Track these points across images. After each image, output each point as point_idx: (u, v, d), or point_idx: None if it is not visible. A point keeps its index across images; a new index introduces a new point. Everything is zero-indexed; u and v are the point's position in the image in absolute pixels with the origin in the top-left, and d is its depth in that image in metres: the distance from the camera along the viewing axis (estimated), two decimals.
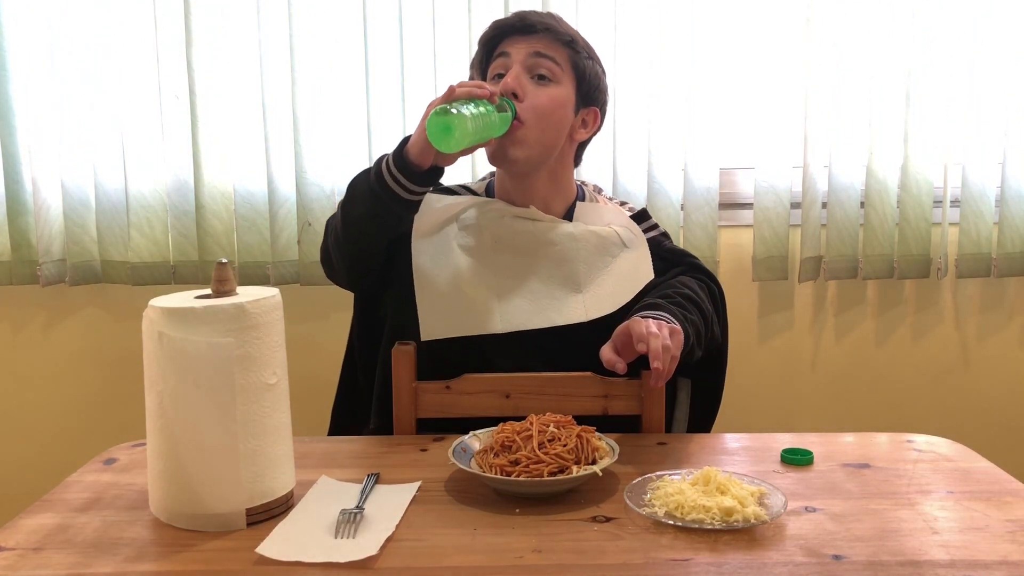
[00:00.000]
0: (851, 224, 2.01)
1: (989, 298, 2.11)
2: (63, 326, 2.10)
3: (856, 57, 1.95)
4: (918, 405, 2.13)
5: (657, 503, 0.96)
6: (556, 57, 1.35)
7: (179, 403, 0.93)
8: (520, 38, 1.36)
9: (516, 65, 1.34)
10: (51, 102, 1.95)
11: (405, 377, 1.31)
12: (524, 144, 1.33)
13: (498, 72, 1.37)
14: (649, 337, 1.13)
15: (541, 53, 1.34)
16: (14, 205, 1.99)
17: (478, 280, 1.36)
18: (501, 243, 1.38)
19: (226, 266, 0.97)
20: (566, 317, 1.34)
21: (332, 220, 1.42)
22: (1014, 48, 1.95)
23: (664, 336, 1.14)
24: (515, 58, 1.35)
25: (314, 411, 1.83)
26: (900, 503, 1.00)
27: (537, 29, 1.35)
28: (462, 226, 1.40)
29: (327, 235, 1.43)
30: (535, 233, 1.38)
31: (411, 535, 0.93)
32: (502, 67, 1.36)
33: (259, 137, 1.95)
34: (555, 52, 1.35)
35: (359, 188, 1.33)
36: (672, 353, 1.14)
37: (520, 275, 1.35)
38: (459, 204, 1.41)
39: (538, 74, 1.34)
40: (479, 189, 1.48)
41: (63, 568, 0.86)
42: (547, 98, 1.34)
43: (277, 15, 1.91)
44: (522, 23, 1.36)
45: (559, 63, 1.35)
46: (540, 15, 1.38)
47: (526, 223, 1.38)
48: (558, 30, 1.36)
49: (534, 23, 1.35)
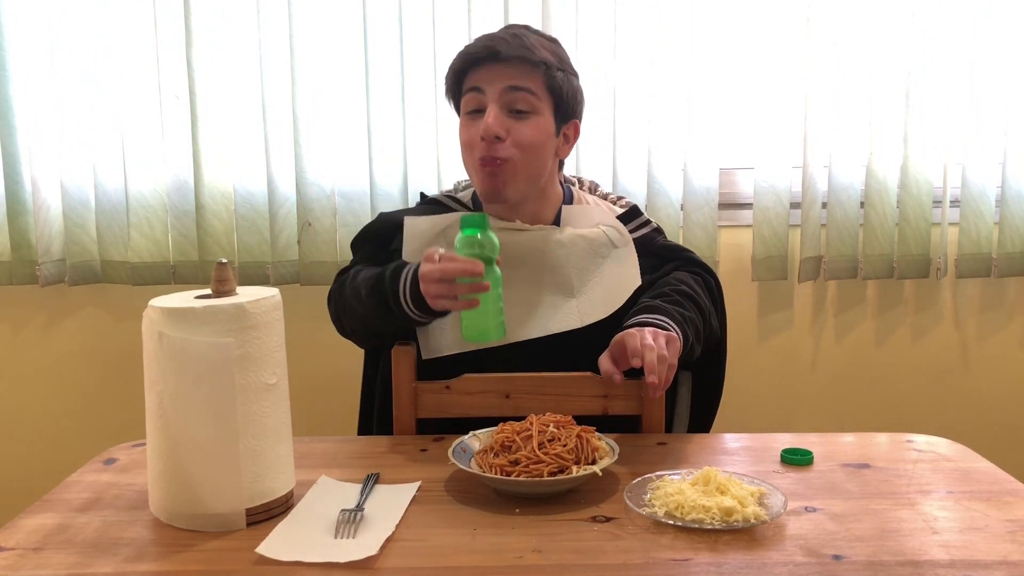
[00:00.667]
0: (851, 224, 2.01)
1: (989, 298, 2.11)
2: (63, 326, 2.10)
3: (856, 57, 1.95)
4: (918, 405, 2.13)
5: (657, 503, 0.96)
6: (532, 87, 1.30)
7: (179, 403, 0.93)
8: (491, 67, 1.29)
9: (492, 104, 1.29)
10: (51, 102, 1.95)
11: (405, 377, 1.31)
12: (513, 182, 1.32)
13: (472, 108, 1.32)
14: (644, 350, 1.12)
15: (517, 87, 1.29)
16: (14, 205, 1.99)
17: None
18: None
19: (226, 266, 0.97)
20: (561, 324, 1.34)
21: (339, 298, 1.38)
22: (1014, 48, 1.95)
23: (660, 346, 1.13)
24: (490, 95, 1.29)
25: (314, 411, 1.83)
26: (900, 503, 1.00)
27: (509, 58, 1.28)
28: (450, 241, 1.36)
29: (334, 306, 1.41)
30: (523, 243, 1.36)
31: (411, 535, 0.93)
32: (476, 103, 1.31)
33: (259, 137, 1.95)
34: (530, 81, 1.30)
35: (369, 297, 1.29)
36: (669, 363, 1.14)
37: (512, 286, 1.34)
38: (445, 220, 1.39)
39: (516, 108, 1.30)
40: (465, 198, 1.47)
41: (63, 568, 0.86)
42: (530, 133, 1.30)
43: (277, 15, 1.91)
44: (492, 54, 1.29)
45: (535, 92, 1.30)
46: (510, 40, 1.30)
47: (514, 234, 1.36)
48: (531, 58, 1.29)
49: (505, 54, 1.28)
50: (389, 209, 1.96)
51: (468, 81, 1.32)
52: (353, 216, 1.98)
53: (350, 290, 1.35)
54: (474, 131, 1.31)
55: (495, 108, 1.29)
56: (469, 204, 1.45)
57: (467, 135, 1.33)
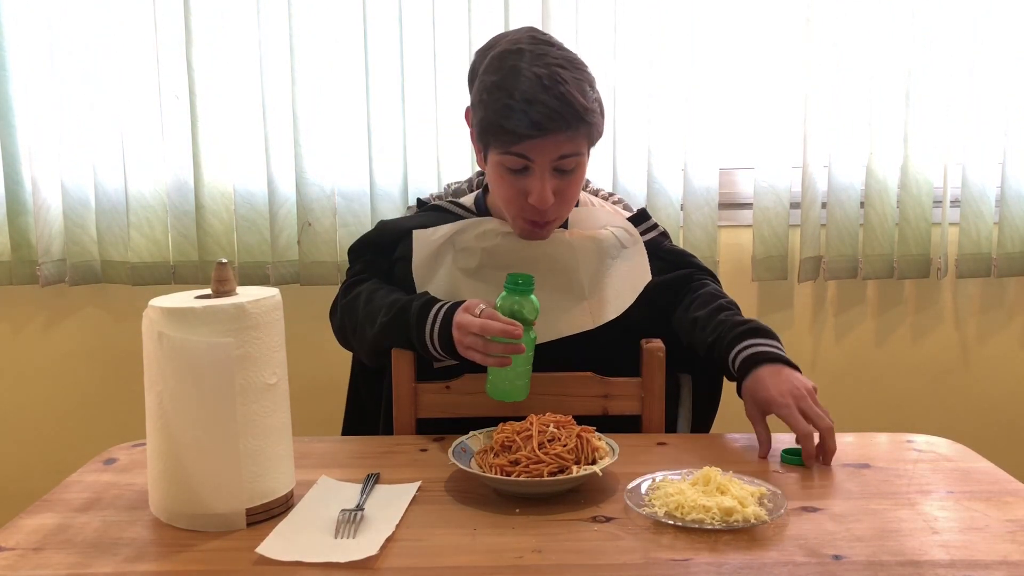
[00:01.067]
0: (851, 224, 2.01)
1: (989, 298, 2.11)
2: (63, 326, 2.10)
3: (856, 57, 1.95)
4: (918, 405, 2.13)
5: (657, 503, 0.96)
6: (579, 148, 1.25)
7: (179, 403, 0.93)
8: (540, 139, 1.21)
9: (543, 173, 1.23)
10: (51, 102, 1.95)
11: (405, 377, 1.31)
12: (555, 225, 1.33)
13: (513, 167, 1.25)
14: (817, 422, 1.11)
15: (566, 155, 1.23)
16: (14, 205, 1.99)
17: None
18: (500, 262, 1.34)
19: (226, 266, 0.97)
20: (574, 327, 1.33)
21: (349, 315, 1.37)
22: (1014, 48, 1.95)
23: (824, 415, 1.13)
24: (540, 164, 1.23)
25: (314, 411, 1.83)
26: (900, 503, 1.00)
27: (563, 131, 1.20)
28: (459, 248, 1.36)
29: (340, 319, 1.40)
30: (532, 247, 1.35)
31: (411, 535, 0.93)
32: (520, 164, 1.24)
33: (259, 137, 1.95)
34: (578, 144, 1.24)
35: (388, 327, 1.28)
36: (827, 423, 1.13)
37: None
38: (452, 228, 1.37)
39: (563, 169, 1.26)
40: (470, 203, 1.45)
41: (63, 568, 0.86)
42: (575, 189, 1.29)
43: (277, 15, 1.91)
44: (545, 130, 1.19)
45: (581, 151, 1.26)
46: (562, 109, 1.19)
47: (522, 239, 1.35)
48: (582, 125, 1.22)
49: (559, 128, 1.19)
50: (389, 208, 1.96)
51: (515, 147, 1.23)
52: (353, 216, 1.98)
53: (364, 313, 1.32)
54: (518, 189, 1.26)
55: (547, 177, 1.24)
56: (474, 209, 1.44)
57: (509, 192, 1.28)
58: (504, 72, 1.22)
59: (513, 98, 1.20)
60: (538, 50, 1.24)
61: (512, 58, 1.23)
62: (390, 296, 1.31)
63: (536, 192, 1.24)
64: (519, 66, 1.21)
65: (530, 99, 1.19)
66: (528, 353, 1.18)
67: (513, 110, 1.20)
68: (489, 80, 1.24)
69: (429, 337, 1.23)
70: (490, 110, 1.22)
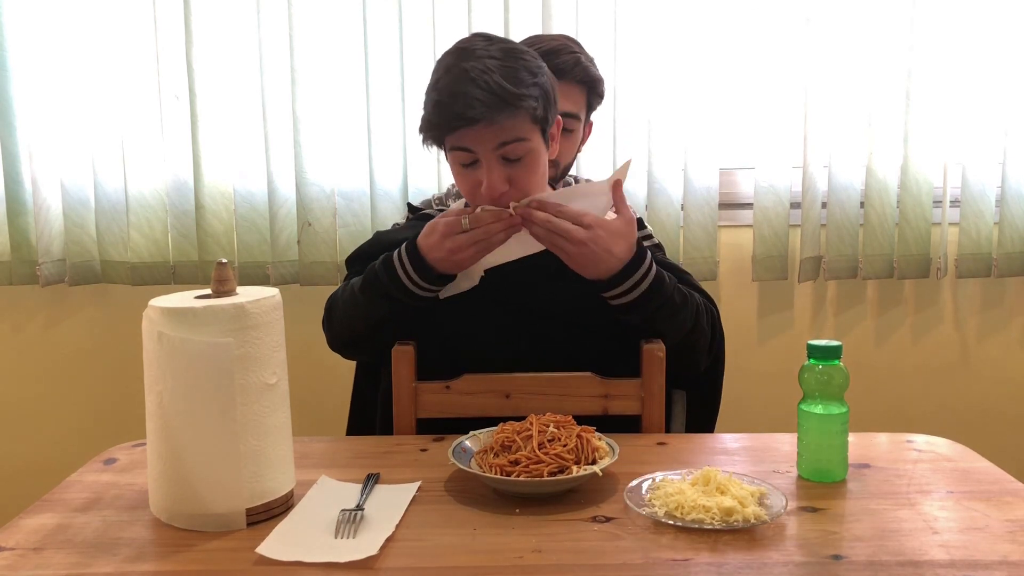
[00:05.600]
0: (851, 224, 2.01)
1: (989, 298, 2.11)
2: (63, 326, 2.10)
3: (856, 57, 1.95)
4: (918, 405, 2.13)
5: (657, 503, 0.96)
6: (522, 133, 1.23)
7: (179, 403, 0.93)
8: (472, 130, 1.21)
9: (488, 163, 1.23)
10: (51, 102, 1.95)
11: (405, 377, 1.31)
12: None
13: (464, 162, 1.26)
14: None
15: (506, 141, 1.22)
16: (14, 205, 1.99)
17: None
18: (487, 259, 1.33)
19: (226, 266, 0.97)
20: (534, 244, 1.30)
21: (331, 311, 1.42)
22: (1014, 48, 1.95)
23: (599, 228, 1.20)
24: (483, 154, 1.23)
25: (314, 411, 1.83)
26: (900, 503, 1.00)
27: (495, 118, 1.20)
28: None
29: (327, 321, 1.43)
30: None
31: (411, 535, 0.93)
32: (466, 158, 1.25)
33: (259, 137, 1.95)
34: (518, 129, 1.23)
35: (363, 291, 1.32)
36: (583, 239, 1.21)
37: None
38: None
39: (510, 157, 1.24)
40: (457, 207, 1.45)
41: (63, 568, 0.86)
42: (529, 175, 1.26)
43: (277, 15, 1.91)
44: (473, 120, 1.20)
45: (526, 135, 1.24)
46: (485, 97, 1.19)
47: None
48: (510, 107, 1.20)
49: (489, 117, 1.19)
50: (389, 208, 1.97)
51: (452, 140, 1.25)
52: (353, 216, 1.98)
53: (342, 300, 1.38)
54: (473, 182, 1.26)
55: (493, 166, 1.23)
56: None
57: (467, 186, 1.28)
58: (438, 73, 1.26)
59: (441, 94, 1.23)
60: (473, 46, 1.25)
61: (447, 59, 1.26)
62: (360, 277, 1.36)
63: (485, 181, 1.25)
64: (449, 63, 1.24)
65: (455, 92, 1.21)
66: (844, 425, 1.09)
67: (440, 105, 1.22)
68: (428, 85, 1.27)
69: (405, 275, 1.27)
70: (426, 111, 1.27)
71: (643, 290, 1.26)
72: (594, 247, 1.22)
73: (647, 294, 1.26)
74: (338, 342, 1.43)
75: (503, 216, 1.23)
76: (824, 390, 1.09)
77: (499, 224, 1.23)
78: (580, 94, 1.51)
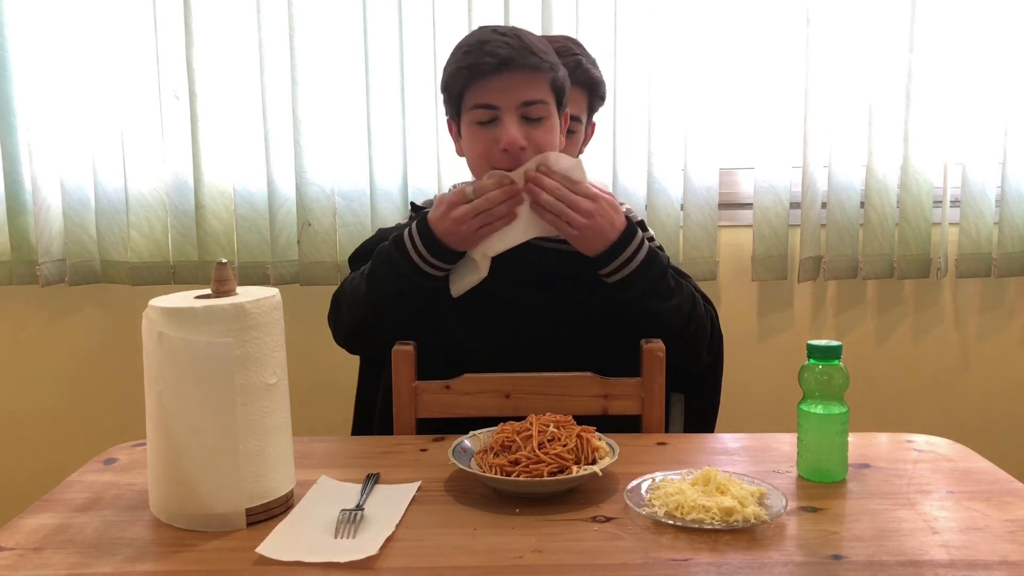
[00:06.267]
0: (851, 224, 2.01)
1: (989, 298, 2.11)
2: (63, 326, 2.10)
3: (856, 57, 1.95)
4: (918, 405, 2.13)
5: (657, 503, 0.96)
6: (543, 96, 1.28)
7: (179, 403, 0.93)
8: (500, 79, 1.26)
9: (510, 117, 1.27)
10: (51, 102, 1.95)
11: (405, 377, 1.31)
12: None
13: (481, 120, 1.29)
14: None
15: (529, 101, 1.27)
16: (14, 205, 1.99)
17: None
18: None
19: (226, 266, 0.97)
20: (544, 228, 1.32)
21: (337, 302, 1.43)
22: (1014, 48, 1.95)
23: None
24: (505, 109, 1.27)
25: (314, 411, 1.83)
26: (900, 503, 1.00)
27: (519, 68, 1.25)
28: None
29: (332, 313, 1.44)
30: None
31: (411, 535, 0.93)
32: (487, 116, 1.28)
33: (259, 137, 1.95)
34: (541, 90, 1.28)
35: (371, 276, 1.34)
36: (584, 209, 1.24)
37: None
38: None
39: (531, 117, 1.28)
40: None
41: (63, 568, 0.86)
42: (547, 138, 1.29)
43: (277, 15, 1.91)
44: (503, 63, 1.24)
45: (547, 99, 1.29)
46: (513, 46, 1.25)
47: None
48: (540, 65, 1.26)
49: (517, 63, 1.25)
50: (389, 208, 1.96)
51: (474, 96, 1.28)
52: (353, 216, 1.98)
53: (350, 287, 1.38)
54: (489, 140, 1.28)
55: (514, 119, 1.27)
56: None
57: (482, 145, 1.29)
58: (460, 42, 1.32)
59: (469, 45, 1.28)
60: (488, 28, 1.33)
61: (471, 35, 1.33)
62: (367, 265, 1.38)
63: (505, 135, 1.26)
64: (475, 30, 1.33)
65: (482, 40, 1.27)
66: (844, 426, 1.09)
67: (469, 52, 1.27)
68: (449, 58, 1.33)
69: (414, 250, 1.29)
70: (451, 67, 1.30)
71: (640, 261, 1.29)
72: (600, 219, 1.26)
73: (644, 264, 1.29)
74: (344, 332, 1.42)
75: (505, 182, 1.25)
76: (824, 390, 1.08)
77: (501, 192, 1.25)
78: (582, 96, 1.51)
